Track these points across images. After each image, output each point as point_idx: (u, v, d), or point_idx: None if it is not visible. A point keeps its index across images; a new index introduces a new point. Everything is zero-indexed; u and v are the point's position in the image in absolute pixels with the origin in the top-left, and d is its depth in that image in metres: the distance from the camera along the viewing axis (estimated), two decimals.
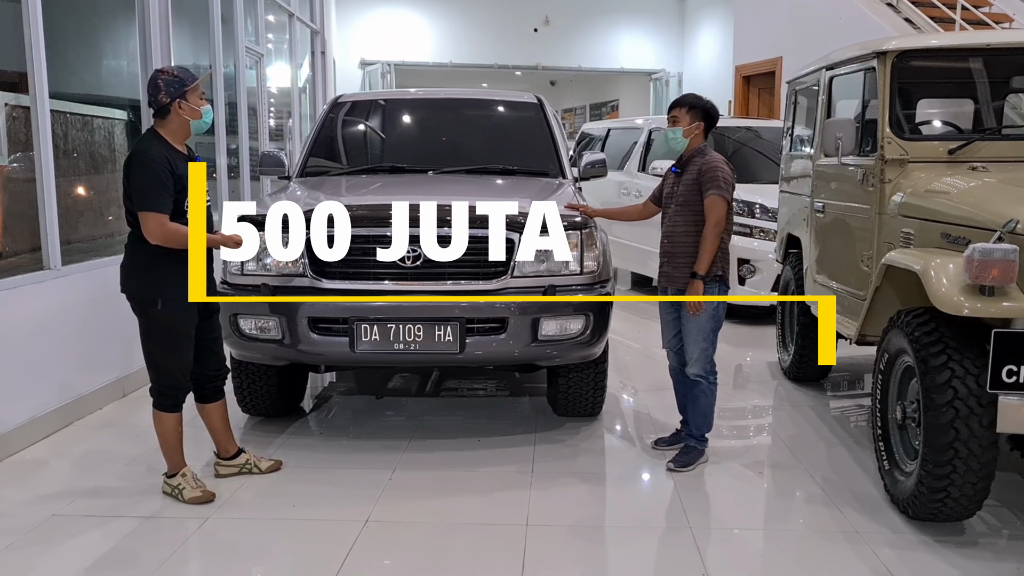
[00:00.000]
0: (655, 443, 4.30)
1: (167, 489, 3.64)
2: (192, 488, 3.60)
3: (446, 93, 6.01)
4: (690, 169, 3.96)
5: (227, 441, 3.87)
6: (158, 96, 3.43)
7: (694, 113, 3.96)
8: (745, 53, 11.61)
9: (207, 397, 3.79)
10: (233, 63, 7.43)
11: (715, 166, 3.88)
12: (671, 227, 4.05)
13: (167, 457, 3.65)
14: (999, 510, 3.55)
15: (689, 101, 4.02)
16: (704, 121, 3.98)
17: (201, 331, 3.64)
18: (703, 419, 4.07)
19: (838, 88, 4.82)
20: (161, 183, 3.36)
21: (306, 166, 5.23)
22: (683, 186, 3.97)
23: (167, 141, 3.48)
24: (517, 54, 14.55)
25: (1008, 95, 4.50)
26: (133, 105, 5.71)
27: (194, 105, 3.48)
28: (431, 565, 3.13)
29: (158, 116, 3.48)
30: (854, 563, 3.13)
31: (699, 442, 4.11)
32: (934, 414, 3.08)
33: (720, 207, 3.85)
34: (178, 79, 3.45)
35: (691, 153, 3.99)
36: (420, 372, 5.60)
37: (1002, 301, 2.96)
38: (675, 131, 3.97)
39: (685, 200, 3.95)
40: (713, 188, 3.84)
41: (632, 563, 3.18)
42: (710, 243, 3.85)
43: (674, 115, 3.99)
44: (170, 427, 3.61)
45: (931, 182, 3.85)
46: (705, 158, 3.93)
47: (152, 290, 3.48)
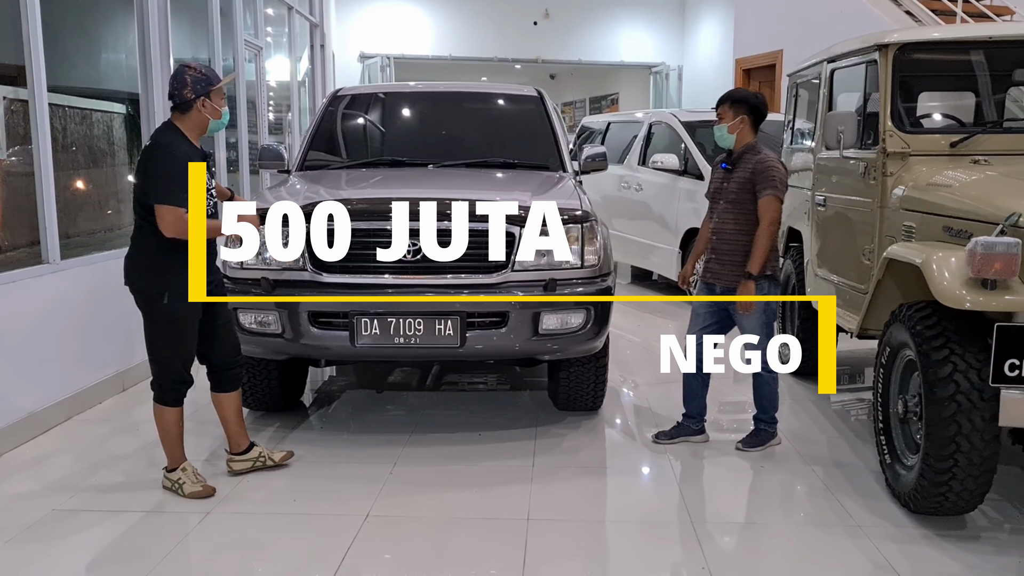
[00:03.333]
0: (655, 437, 4.30)
1: (167, 484, 3.64)
2: (192, 483, 3.60)
3: (446, 86, 6.00)
4: (741, 166, 3.93)
5: (239, 435, 3.84)
6: (183, 91, 3.44)
7: (737, 107, 3.94)
8: (745, 46, 11.59)
9: (225, 385, 3.77)
10: (232, 56, 7.41)
11: (770, 165, 3.86)
12: (720, 224, 4.03)
13: (167, 451, 3.64)
14: (1001, 504, 3.55)
15: (733, 96, 4.01)
16: (750, 115, 3.94)
17: (207, 321, 3.63)
18: (769, 403, 4.15)
19: (839, 81, 4.80)
20: (182, 177, 3.36)
21: (306, 159, 5.22)
22: (734, 183, 3.95)
23: (185, 136, 3.49)
24: (517, 47, 14.50)
25: (1010, 88, 4.48)
26: (132, 99, 5.69)
27: (216, 105, 3.52)
28: (432, 559, 3.12)
29: (178, 110, 3.49)
30: (855, 557, 3.13)
31: (769, 424, 4.18)
32: (936, 408, 3.08)
33: (775, 208, 3.85)
34: (205, 77, 3.48)
35: (742, 150, 3.96)
36: (420, 366, 5.59)
37: (1004, 295, 2.95)
38: (721, 128, 3.96)
39: (736, 198, 3.94)
40: (769, 188, 3.83)
41: (633, 556, 3.18)
42: (764, 244, 3.85)
43: (719, 112, 3.97)
44: (171, 421, 3.60)
45: (933, 175, 3.84)
46: (758, 156, 3.90)
47: (158, 284, 3.46)
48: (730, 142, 3.99)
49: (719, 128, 3.99)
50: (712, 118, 4.15)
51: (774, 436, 4.21)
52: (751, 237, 3.92)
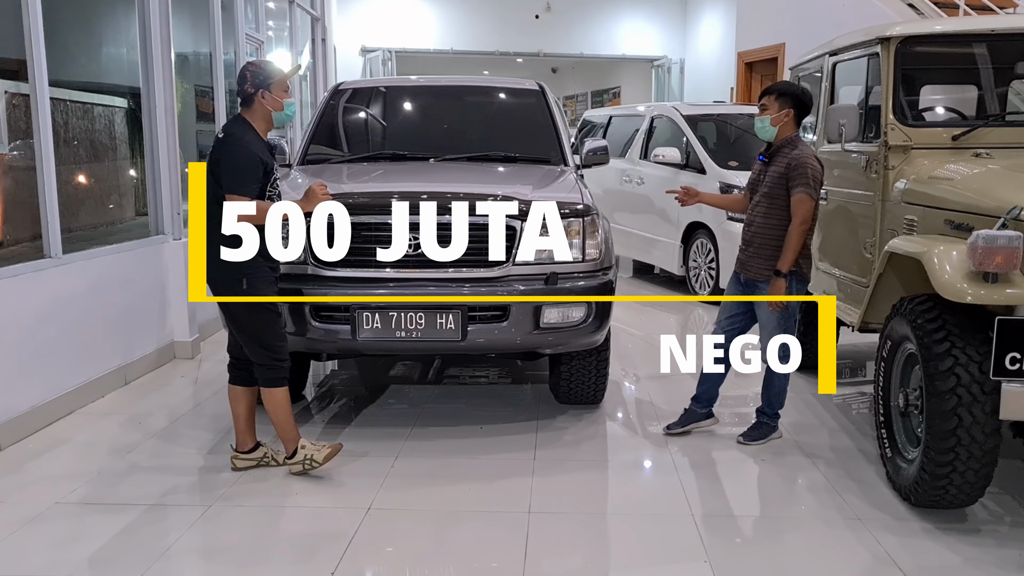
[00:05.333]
0: (666, 429, 4.30)
1: (295, 469, 3.71)
2: (319, 450, 3.71)
3: (447, 80, 5.98)
4: (778, 160, 3.91)
5: (247, 433, 3.83)
6: (244, 86, 3.62)
7: (783, 100, 3.90)
8: (747, 39, 11.56)
9: (247, 379, 3.78)
10: (233, 50, 7.40)
11: (804, 162, 3.82)
12: (752, 216, 4.04)
13: (285, 436, 3.74)
14: (1001, 497, 3.55)
15: (779, 88, 3.98)
16: (795, 108, 3.91)
17: None
18: (776, 398, 4.16)
19: (841, 74, 4.79)
20: (253, 167, 3.50)
21: (307, 153, 5.21)
22: (769, 177, 3.94)
23: (255, 129, 3.63)
24: (518, 41, 14.48)
25: (1012, 81, 4.46)
26: (133, 93, 5.69)
27: (277, 97, 3.63)
28: (434, 552, 3.13)
29: (244, 105, 3.66)
30: (856, 550, 3.14)
31: (771, 418, 4.20)
32: (937, 401, 3.08)
33: (807, 205, 3.81)
34: (263, 71, 3.65)
35: (780, 143, 3.94)
36: (422, 360, 5.60)
37: (1006, 288, 2.95)
38: (763, 120, 3.93)
39: (770, 191, 3.92)
40: (801, 185, 3.80)
41: (634, 550, 3.18)
42: (795, 241, 3.83)
43: (763, 103, 3.94)
44: (284, 402, 3.70)
45: (934, 169, 3.83)
46: (795, 151, 3.87)
47: (234, 271, 3.53)
48: (771, 135, 3.95)
49: (761, 120, 3.95)
50: (715, 112, 4.15)
51: (775, 430, 4.22)
52: (782, 232, 3.88)
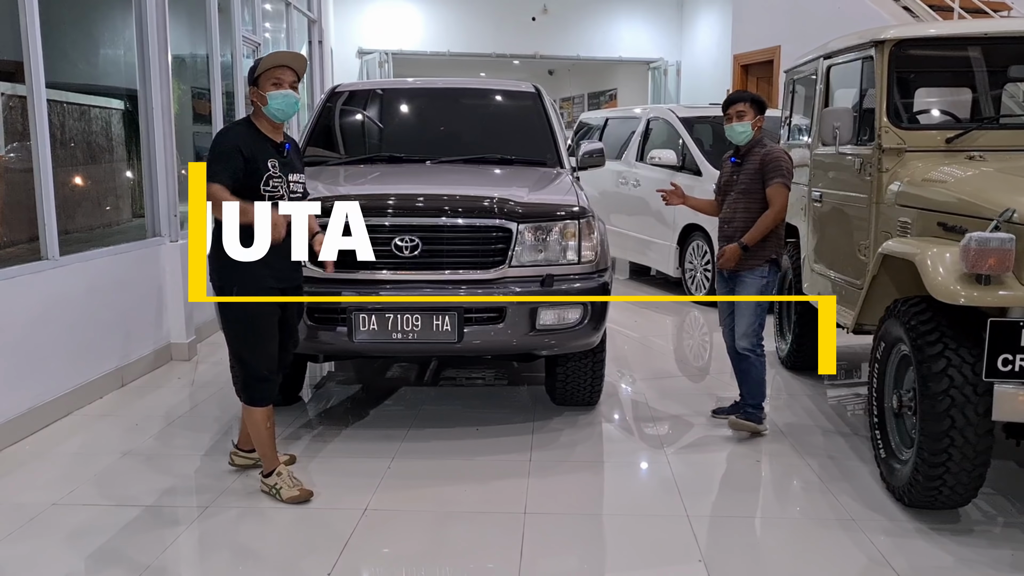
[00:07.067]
0: (714, 412, 4.57)
1: (264, 488, 3.57)
2: (289, 487, 3.51)
3: (444, 82, 6.00)
4: (751, 159, 4.18)
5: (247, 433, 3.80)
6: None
7: (757, 106, 4.20)
8: (743, 42, 11.59)
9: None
10: (230, 52, 7.41)
11: (778, 156, 4.13)
12: (731, 213, 4.26)
13: (262, 454, 3.58)
14: (994, 498, 3.57)
15: (750, 96, 4.29)
16: (761, 112, 4.23)
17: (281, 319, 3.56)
18: (756, 389, 4.29)
19: (836, 77, 4.82)
20: (225, 156, 3.33)
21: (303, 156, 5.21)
22: (744, 175, 4.19)
23: (254, 125, 3.46)
24: (515, 43, 14.48)
25: (1006, 84, 4.49)
26: (130, 95, 5.69)
27: (262, 91, 3.41)
28: (429, 553, 3.14)
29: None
30: (850, 550, 3.15)
31: (755, 408, 4.31)
32: (930, 402, 3.10)
33: (783, 195, 4.10)
34: (255, 66, 3.44)
35: (751, 143, 4.21)
36: (418, 361, 5.61)
37: (998, 290, 2.96)
38: (744, 124, 4.17)
39: (747, 188, 4.17)
40: (778, 177, 4.09)
41: (629, 550, 3.20)
42: (768, 224, 4.09)
43: (740, 110, 4.19)
44: (260, 422, 3.52)
45: (928, 171, 3.85)
46: (766, 148, 4.17)
47: (227, 276, 3.43)
48: (748, 137, 4.19)
49: (741, 125, 4.18)
50: (710, 114, 4.24)
51: (759, 421, 4.29)
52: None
